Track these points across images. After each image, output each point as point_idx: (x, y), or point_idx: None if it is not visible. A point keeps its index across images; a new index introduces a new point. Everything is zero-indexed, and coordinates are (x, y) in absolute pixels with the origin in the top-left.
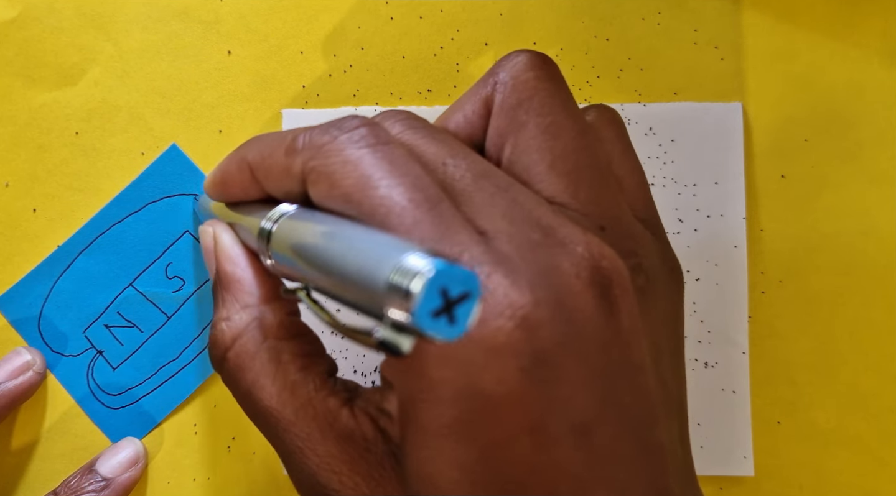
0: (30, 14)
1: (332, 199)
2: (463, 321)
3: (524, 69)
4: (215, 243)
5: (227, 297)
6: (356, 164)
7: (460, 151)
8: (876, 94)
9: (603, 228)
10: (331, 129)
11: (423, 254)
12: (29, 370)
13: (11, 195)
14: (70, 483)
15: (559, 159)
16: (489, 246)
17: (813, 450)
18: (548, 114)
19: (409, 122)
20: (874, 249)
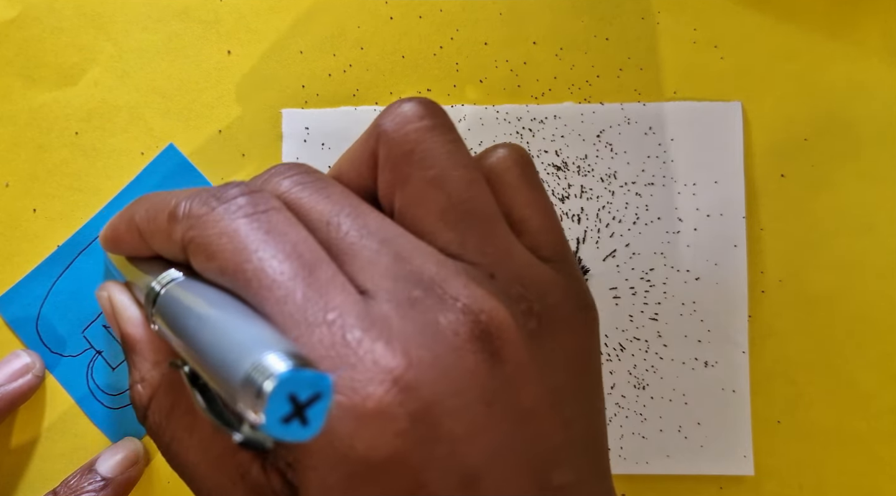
0: (30, 14)
1: (210, 271)
2: (316, 422)
3: (406, 121)
4: (112, 307)
5: (137, 359)
6: (231, 235)
7: (347, 206)
8: (876, 93)
9: (493, 276)
10: (210, 199)
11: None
12: (28, 373)
13: (11, 195)
14: (70, 483)
15: (446, 211)
16: (366, 308)
17: (813, 449)
18: (430, 166)
19: (300, 177)
20: (874, 249)
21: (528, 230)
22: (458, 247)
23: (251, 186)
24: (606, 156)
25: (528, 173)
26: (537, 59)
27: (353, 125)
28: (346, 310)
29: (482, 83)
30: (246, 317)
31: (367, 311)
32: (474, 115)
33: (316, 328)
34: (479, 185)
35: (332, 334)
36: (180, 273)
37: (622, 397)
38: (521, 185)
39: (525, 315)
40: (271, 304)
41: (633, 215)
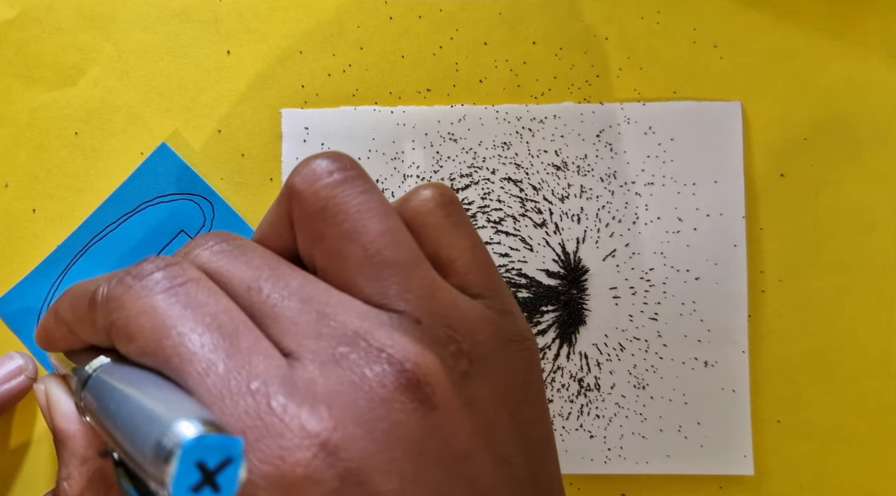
0: (29, 14)
1: (133, 353)
2: (228, 489)
3: (316, 178)
4: (47, 400)
5: (66, 455)
6: (150, 313)
7: (267, 270)
8: (876, 93)
9: (419, 321)
10: (126, 278)
11: (191, 421)
12: (21, 374)
13: (11, 195)
14: None
15: (362, 263)
16: (291, 372)
17: (813, 448)
18: (343, 221)
19: (220, 246)
20: (874, 249)
21: (456, 271)
22: (380, 297)
23: (168, 261)
24: (606, 155)
25: (451, 212)
26: (537, 59)
27: (353, 125)
28: (270, 377)
29: (482, 83)
30: (166, 393)
31: (291, 376)
32: (474, 115)
33: (240, 398)
34: (396, 233)
35: (257, 403)
36: (107, 359)
37: (622, 397)
38: (444, 226)
39: (455, 357)
40: (193, 379)
41: (633, 215)
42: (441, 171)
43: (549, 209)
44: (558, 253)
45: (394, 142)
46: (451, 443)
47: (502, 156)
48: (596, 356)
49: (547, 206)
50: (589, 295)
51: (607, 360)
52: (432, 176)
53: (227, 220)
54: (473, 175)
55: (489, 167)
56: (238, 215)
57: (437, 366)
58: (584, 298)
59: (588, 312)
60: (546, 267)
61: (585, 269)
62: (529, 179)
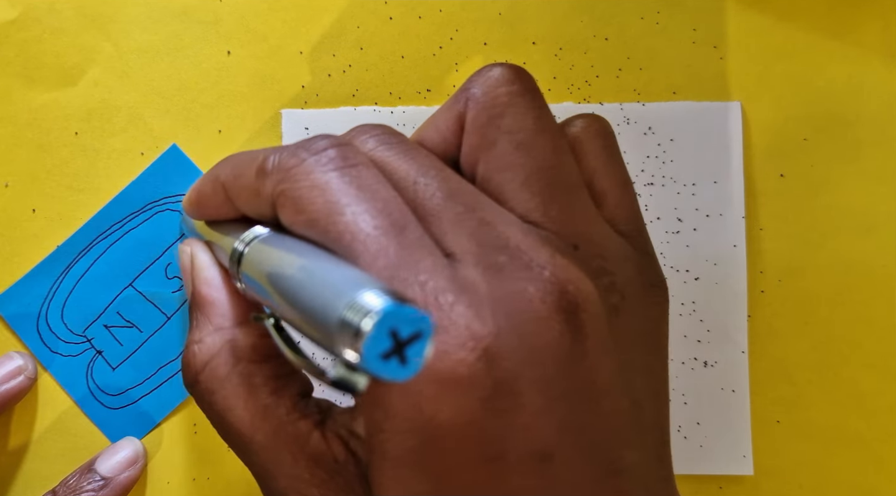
0: (30, 15)
1: (299, 224)
2: (414, 362)
3: (496, 84)
4: (192, 263)
5: (201, 319)
6: (323, 188)
7: (432, 169)
8: (876, 93)
9: (576, 247)
10: (299, 151)
11: (377, 292)
12: (21, 374)
13: (11, 195)
14: (69, 482)
15: (530, 177)
16: (454, 272)
17: (812, 449)
18: (518, 130)
19: (384, 137)
20: (874, 249)
21: (607, 203)
22: (541, 214)
23: (340, 139)
24: None
25: (610, 145)
26: (537, 59)
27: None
28: (437, 273)
29: None
30: (338, 264)
31: (456, 275)
32: None
33: (408, 288)
34: (565, 154)
35: (425, 295)
36: (265, 229)
37: None
38: (603, 156)
39: (607, 290)
40: (365, 258)
41: None
42: None
43: None
44: None
45: None
46: (595, 375)
47: None
48: None
49: None
50: None
51: None
52: None
53: None
54: None
55: None
56: None
57: (595, 295)
58: None
59: None
60: None
61: None
62: None
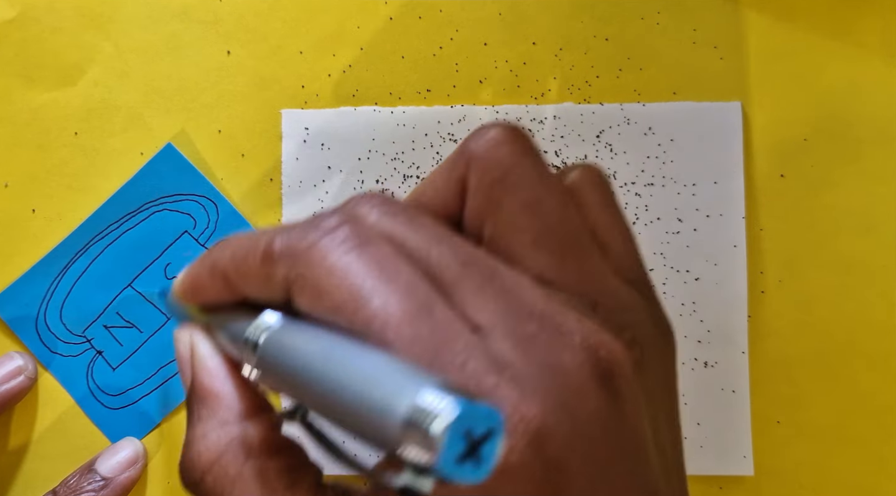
0: (29, 14)
1: (321, 310)
2: (488, 461)
3: (496, 145)
4: (193, 354)
5: (204, 413)
6: (344, 272)
7: (443, 236)
8: (876, 93)
9: (595, 304)
10: (310, 231)
11: (439, 389)
12: (21, 374)
13: (11, 195)
14: (69, 482)
15: (542, 236)
16: (488, 349)
17: (813, 449)
18: (525, 190)
19: (386, 207)
20: (874, 249)
21: (612, 254)
22: (556, 274)
23: (348, 214)
24: (606, 156)
25: (609, 194)
26: (537, 59)
27: (353, 125)
28: (474, 354)
29: (482, 83)
30: (378, 355)
31: (490, 352)
32: (474, 116)
33: (450, 374)
34: (572, 209)
35: (467, 379)
36: (276, 315)
37: None
38: (604, 207)
39: (630, 346)
40: (399, 346)
41: (633, 215)
42: None
43: None
44: None
45: (394, 142)
46: (635, 436)
47: None
48: None
49: None
50: None
51: None
52: None
53: (232, 221)
54: None
55: None
56: (242, 217)
57: (625, 355)
58: None
59: None
60: None
61: None
62: None
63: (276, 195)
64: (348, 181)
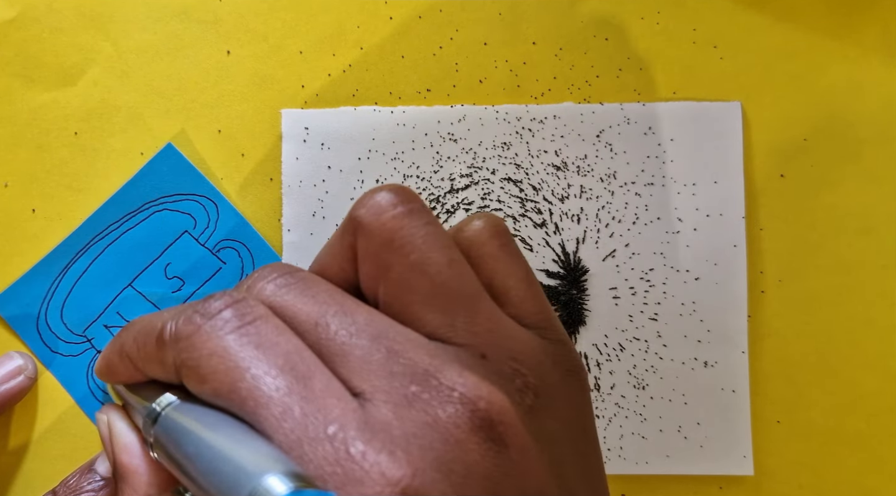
0: (29, 14)
1: (204, 394)
2: None
3: (381, 210)
4: (110, 432)
5: (126, 490)
6: (222, 355)
7: (334, 305)
8: (876, 93)
9: (484, 356)
10: (194, 316)
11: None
12: (21, 374)
13: (10, 195)
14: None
15: (430, 296)
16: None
17: (812, 449)
18: (410, 252)
19: (283, 279)
20: (874, 249)
21: (511, 300)
22: (446, 329)
23: (234, 296)
24: (606, 156)
25: (505, 243)
26: (537, 59)
27: (353, 125)
28: (346, 422)
29: (482, 83)
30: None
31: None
32: (474, 115)
33: (318, 445)
34: (460, 265)
35: (336, 449)
36: (175, 397)
37: (622, 397)
38: (501, 256)
39: (521, 392)
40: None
41: (633, 215)
42: (441, 171)
43: (548, 209)
44: (558, 253)
45: (394, 142)
46: (526, 482)
47: (502, 156)
48: (596, 356)
49: (547, 207)
50: (589, 295)
51: (607, 361)
52: (432, 176)
53: (232, 221)
54: (473, 175)
55: (489, 167)
56: (242, 217)
57: (507, 403)
58: (583, 298)
59: (588, 312)
60: (546, 267)
61: (585, 270)
62: (529, 180)
63: (276, 195)
64: (348, 181)
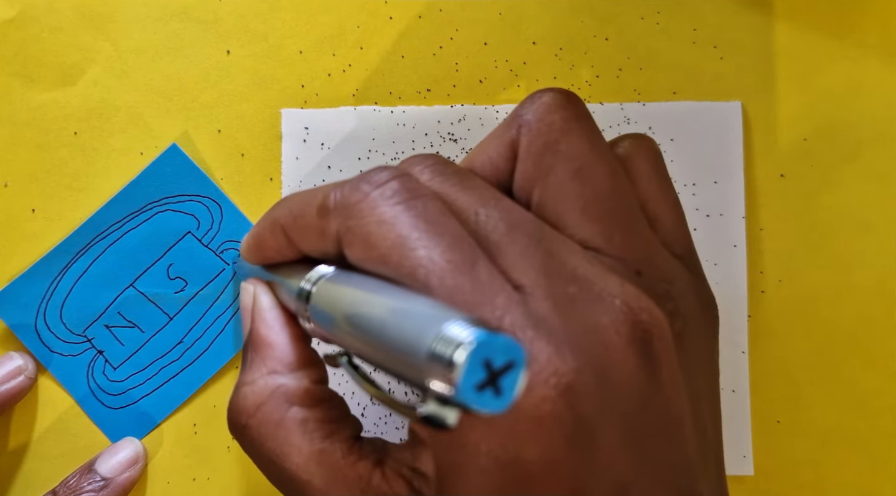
0: (28, 14)
1: (370, 261)
2: (509, 393)
3: (549, 110)
4: (254, 303)
5: (256, 360)
6: (392, 223)
7: (491, 199)
8: (876, 93)
9: (639, 273)
10: (361, 185)
11: (465, 323)
12: (20, 374)
13: (10, 195)
14: (69, 482)
15: (590, 204)
16: (528, 307)
17: (812, 449)
18: (576, 157)
19: (438, 168)
20: (874, 249)
21: (661, 225)
22: (603, 241)
23: (400, 170)
24: None
25: (660, 166)
26: (537, 59)
27: (353, 125)
28: (512, 308)
29: (482, 83)
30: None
31: (530, 310)
32: (474, 115)
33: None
34: (622, 178)
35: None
36: (330, 268)
37: None
38: (655, 178)
39: (672, 316)
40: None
41: None
42: None
43: None
44: None
45: (394, 142)
46: (669, 407)
47: None
48: None
49: None
50: None
51: None
52: None
53: (235, 223)
54: None
55: None
56: (246, 218)
57: (665, 322)
58: None
59: None
60: None
61: None
62: None
63: (276, 195)
64: None
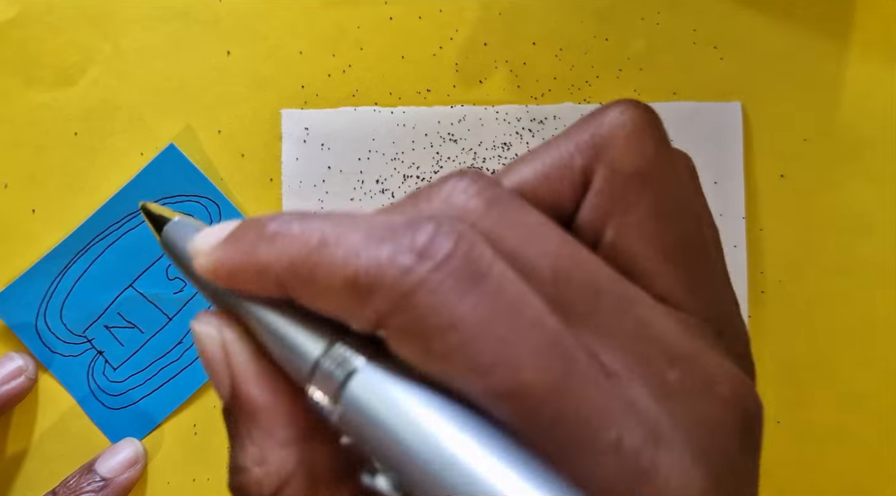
0: (29, 14)
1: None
2: None
3: (638, 136)
4: (226, 355)
5: (255, 432)
6: (459, 324)
7: (565, 248)
8: (876, 93)
9: (721, 334)
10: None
11: None
12: (21, 375)
13: (10, 195)
14: (69, 483)
15: (676, 250)
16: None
17: (812, 449)
18: (666, 195)
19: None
20: (874, 249)
21: None
22: (685, 294)
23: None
24: None
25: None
26: (537, 59)
27: (353, 125)
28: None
29: (482, 83)
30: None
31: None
32: (474, 116)
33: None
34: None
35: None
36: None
37: None
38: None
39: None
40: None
41: None
42: (441, 171)
43: None
44: None
45: (394, 142)
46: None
47: (502, 156)
48: None
49: None
50: None
51: None
52: (432, 176)
53: None
54: None
55: (489, 168)
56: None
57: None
58: None
59: None
60: None
61: None
62: None
63: (276, 195)
64: (348, 181)
